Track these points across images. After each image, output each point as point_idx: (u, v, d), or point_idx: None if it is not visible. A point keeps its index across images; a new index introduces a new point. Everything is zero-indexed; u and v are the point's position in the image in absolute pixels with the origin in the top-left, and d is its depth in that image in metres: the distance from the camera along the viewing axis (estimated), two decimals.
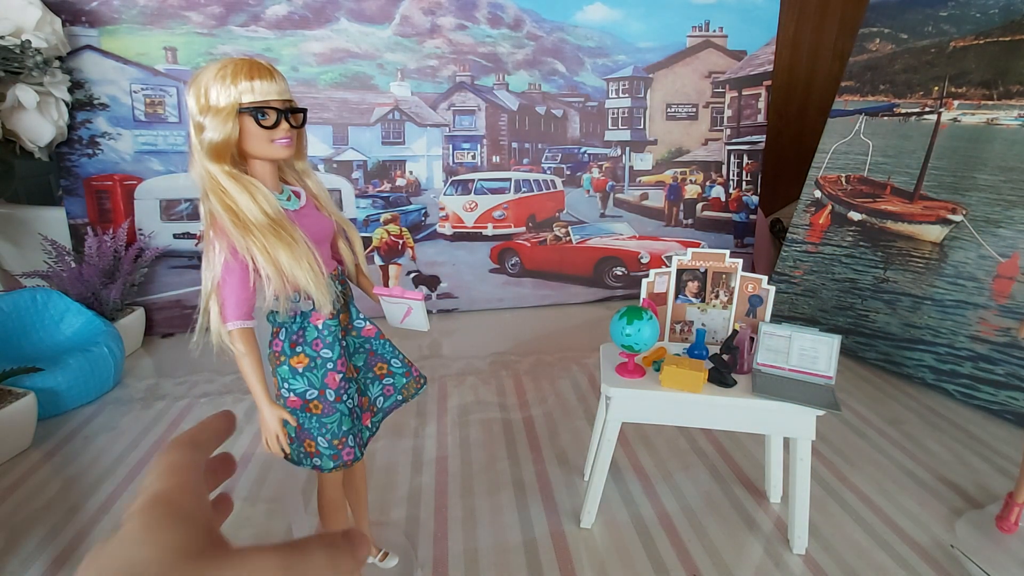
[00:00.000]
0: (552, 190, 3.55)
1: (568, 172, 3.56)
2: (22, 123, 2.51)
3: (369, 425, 1.25)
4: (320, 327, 1.10)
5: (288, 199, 1.08)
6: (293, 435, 1.12)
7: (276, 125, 0.99)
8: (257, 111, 0.97)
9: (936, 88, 2.74)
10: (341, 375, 1.12)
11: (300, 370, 1.10)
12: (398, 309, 1.25)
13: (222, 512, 0.36)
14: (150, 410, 2.26)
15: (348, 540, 0.29)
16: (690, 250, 1.69)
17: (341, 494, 1.24)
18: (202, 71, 0.97)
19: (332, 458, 1.12)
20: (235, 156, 1.01)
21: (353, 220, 3.32)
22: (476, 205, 3.40)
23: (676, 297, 1.72)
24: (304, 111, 1.05)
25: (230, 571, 0.26)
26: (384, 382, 1.28)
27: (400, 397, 1.30)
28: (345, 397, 1.13)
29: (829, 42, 3.97)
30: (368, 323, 1.24)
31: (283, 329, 1.10)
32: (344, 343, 1.16)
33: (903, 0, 2.91)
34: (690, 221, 3.73)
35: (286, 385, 1.12)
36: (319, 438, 1.12)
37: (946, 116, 2.69)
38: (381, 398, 1.28)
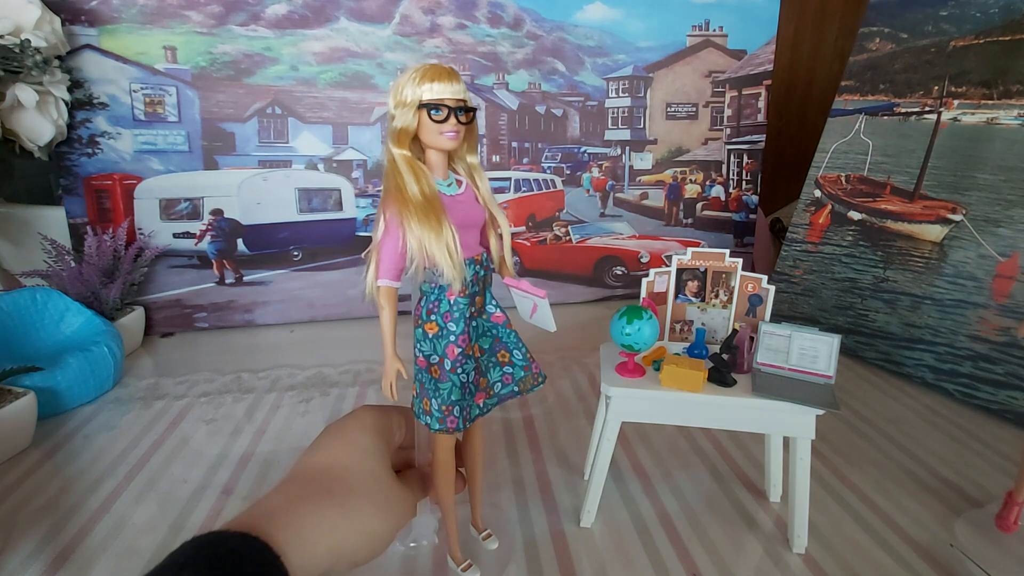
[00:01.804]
0: (552, 189, 3.55)
1: (568, 172, 3.56)
2: (21, 122, 2.50)
3: (481, 405, 1.32)
4: (452, 302, 1.22)
5: (449, 185, 1.22)
6: (418, 391, 1.25)
7: (446, 120, 1.14)
8: (431, 107, 1.13)
9: (936, 87, 2.74)
10: (460, 350, 1.22)
11: (430, 336, 1.23)
12: (526, 303, 1.32)
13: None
14: (150, 409, 2.26)
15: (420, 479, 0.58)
16: (690, 249, 1.69)
17: (452, 458, 1.30)
18: (404, 74, 1.16)
19: (439, 421, 1.22)
20: (416, 147, 1.19)
21: (353, 220, 3.32)
22: None
23: (676, 296, 1.72)
24: (474, 110, 1.19)
25: (392, 480, 0.55)
26: (504, 370, 1.35)
27: (516, 389, 1.37)
28: (460, 370, 1.22)
29: (829, 42, 3.97)
30: (499, 311, 1.33)
31: (425, 296, 1.23)
32: (474, 323, 1.26)
33: (903, 0, 2.91)
34: (690, 221, 3.73)
35: (418, 345, 1.24)
36: (433, 400, 1.22)
37: (946, 115, 2.69)
38: (499, 384, 1.35)
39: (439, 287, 1.22)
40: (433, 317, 1.23)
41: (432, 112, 1.14)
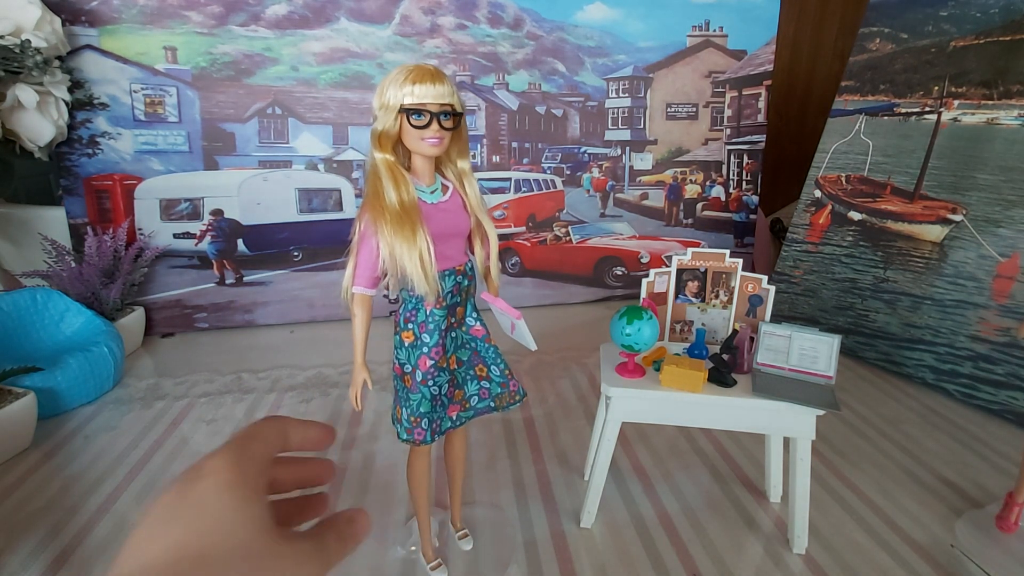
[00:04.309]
0: (552, 190, 3.55)
1: (568, 172, 3.56)
2: (22, 122, 2.50)
3: (454, 417, 1.31)
4: (428, 313, 1.22)
5: (433, 192, 1.20)
6: (394, 396, 1.26)
7: (427, 126, 1.11)
8: (412, 112, 1.10)
9: (936, 88, 2.74)
10: (432, 362, 1.21)
11: (406, 344, 1.23)
12: (505, 320, 1.29)
13: (314, 509, 0.40)
14: (150, 410, 2.26)
15: (348, 521, 0.35)
16: (690, 250, 1.69)
17: (424, 466, 1.32)
18: (389, 74, 1.13)
19: (407, 431, 1.23)
20: (400, 150, 1.16)
21: (353, 220, 3.31)
22: None
23: (676, 297, 1.72)
24: (459, 115, 1.16)
25: (278, 550, 0.29)
26: (481, 384, 1.34)
27: (492, 404, 1.34)
28: (431, 382, 1.22)
29: (829, 42, 3.97)
30: (479, 324, 1.31)
31: (404, 304, 1.24)
32: (453, 335, 1.26)
33: (903, 0, 2.91)
34: (690, 221, 3.73)
35: (396, 352, 1.25)
36: (403, 409, 1.23)
37: (946, 116, 2.69)
38: (475, 398, 1.34)
39: (417, 296, 1.20)
40: (410, 326, 1.23)
41: (413, 117, 1.10)
